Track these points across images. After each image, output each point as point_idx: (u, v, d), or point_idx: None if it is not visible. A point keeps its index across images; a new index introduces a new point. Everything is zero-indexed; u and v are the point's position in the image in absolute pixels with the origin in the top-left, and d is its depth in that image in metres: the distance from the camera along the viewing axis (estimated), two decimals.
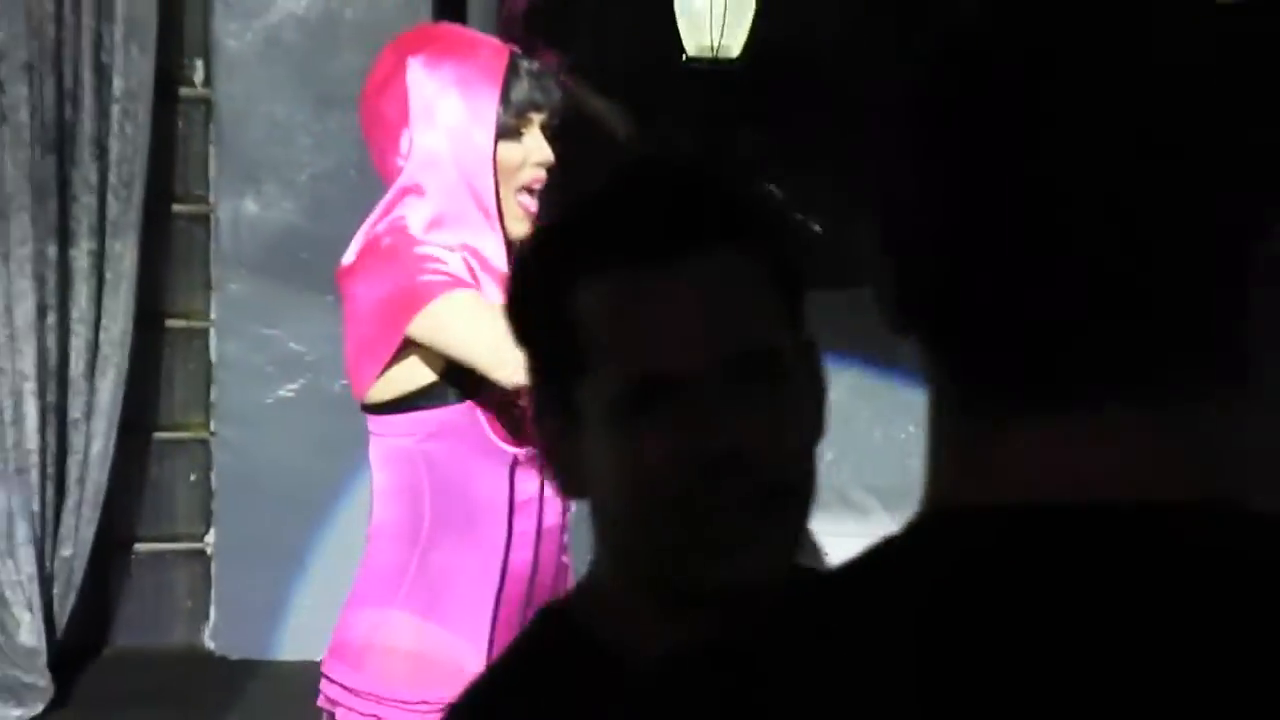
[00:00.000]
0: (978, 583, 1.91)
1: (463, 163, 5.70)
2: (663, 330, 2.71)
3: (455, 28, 6.03)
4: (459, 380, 5.56)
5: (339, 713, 5.79)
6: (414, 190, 5.64)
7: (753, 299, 2.74)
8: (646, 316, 2.72)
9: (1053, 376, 1.93)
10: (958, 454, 2.00)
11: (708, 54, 11.61)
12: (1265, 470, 2.08)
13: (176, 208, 9.26)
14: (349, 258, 5.71)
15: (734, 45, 11.79)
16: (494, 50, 5.61)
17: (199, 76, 9.23)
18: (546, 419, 2.78)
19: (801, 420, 2.77)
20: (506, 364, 5.44)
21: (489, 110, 5.61)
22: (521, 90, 5.64)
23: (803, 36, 12.37)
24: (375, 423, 5.74)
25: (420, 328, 5.54)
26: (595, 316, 2.71)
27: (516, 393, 5.58)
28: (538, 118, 5.69)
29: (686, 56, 11.86)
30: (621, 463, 2.70)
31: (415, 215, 5.63)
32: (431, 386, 5.60)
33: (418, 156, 5.66)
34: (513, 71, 5.62)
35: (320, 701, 5.89)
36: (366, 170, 8.25)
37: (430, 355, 5.64)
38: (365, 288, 5.60)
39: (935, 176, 1.96)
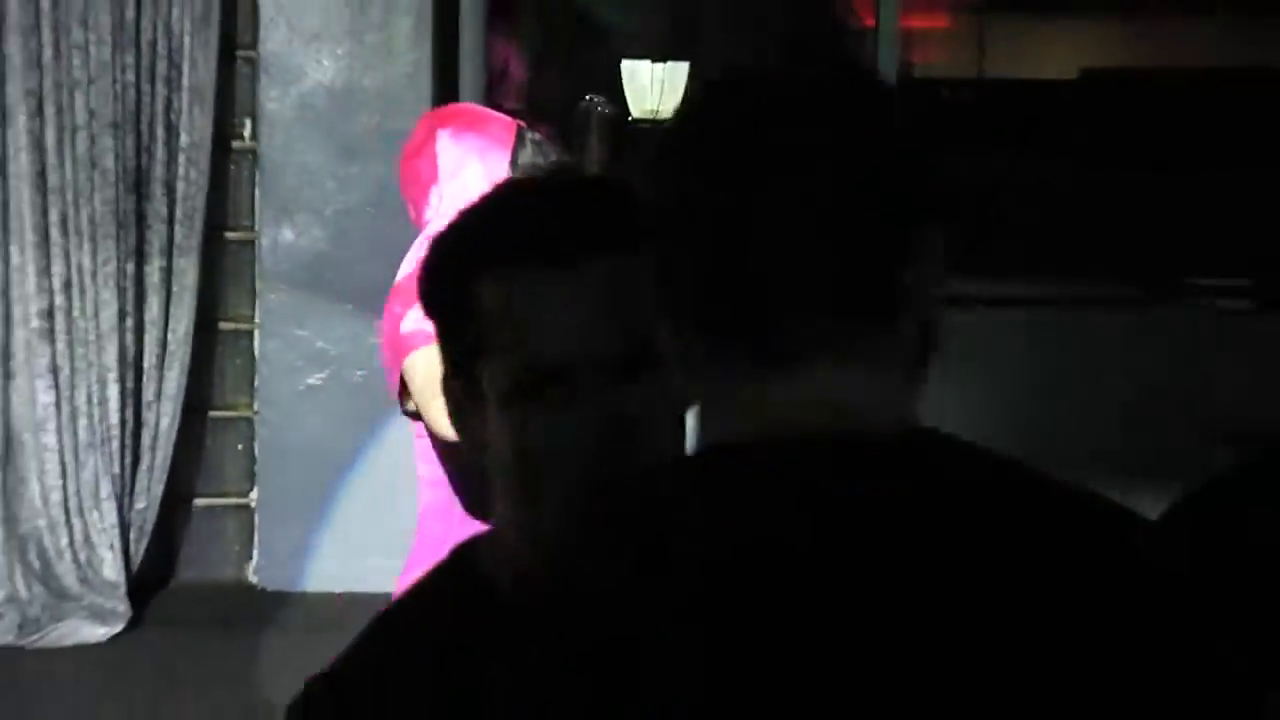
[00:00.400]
0: (740, 491, 2.07)
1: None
2: (547, 326, 2.66)
3: (475, 107, 6.29)
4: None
5: None
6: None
7: (626, 299, 2.66)
8: (536, 313, 2.67)
9: (773, 349, 2.09)
10: (717, 406, 2.17)
11: (649, 116, 11.81)
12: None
13: (228, 235, 9.30)
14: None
15: (669, 109, 11.85)
16: (505, 124, 5.82)
17: (247, 132, 9.24)
18: (453, 385, 2.73)
19: (667, 404, 2.74)
20: (448, 430, 5.83)
21: (500, 171, 5.64)
22: (526, 155, 5.75)
23: None
24: (414, 425, 5.77)
25: (406, 373, 5.66)
26: (493, 309, 2.66)
27: None
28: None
29: (631, 118, 12.11)
30: (510, 437, 2.67)
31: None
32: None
33: (443, 209, 5.67)
34: (519, 141, 5.78)
35: None
36: (379, 207, 8.73)
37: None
38: (388, 321, 5.70)
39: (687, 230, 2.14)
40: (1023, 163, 13.89)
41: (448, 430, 5.38)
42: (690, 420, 2.38)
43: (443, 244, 2.72)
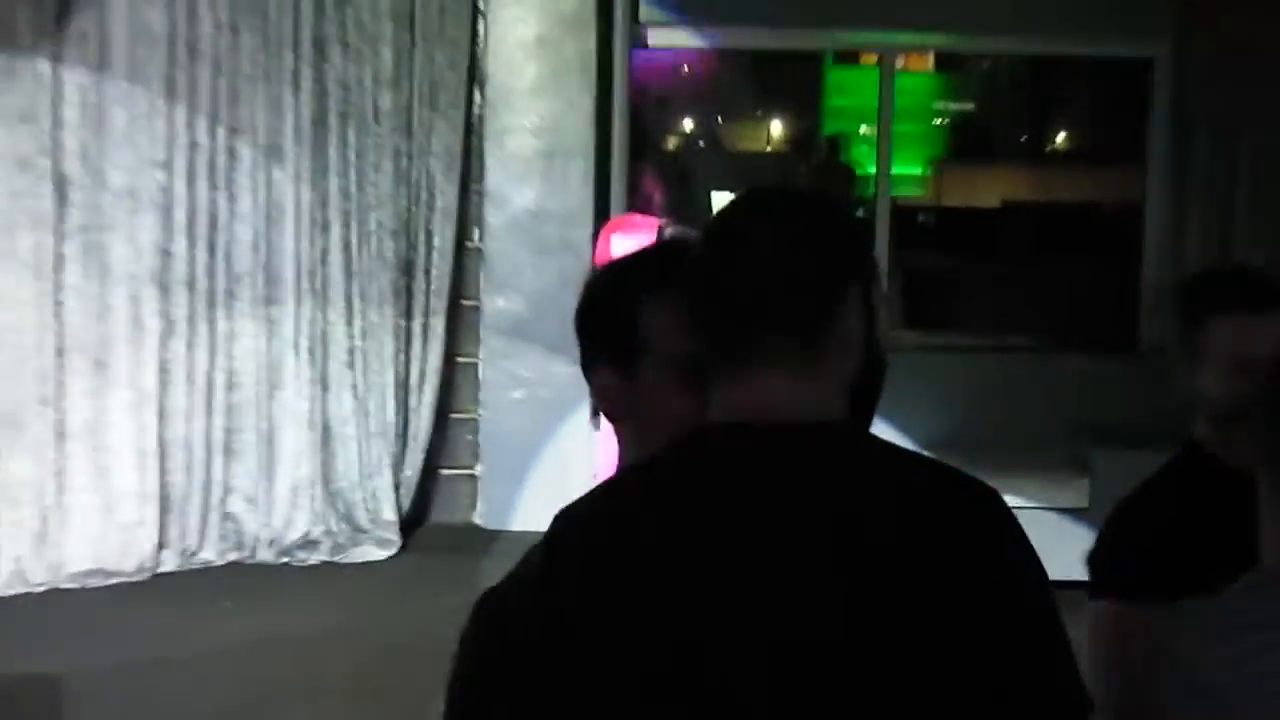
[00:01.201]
0: (717, 462, 2.07)
1: None
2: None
3: (637, 215, 6.42)
4: None
5: None
6: None
7: None
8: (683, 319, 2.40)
9: (740, 356, 2.11)
10: (718, 397, 2.13)
11: None
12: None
13: (464, 302, 9.43)
14: None
15: None
16: (650, 223, 6.16)
17: (477, 237, 9.43)
18: (610, 379, 2.48)
19: None
20: None
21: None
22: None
23: None
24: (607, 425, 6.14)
25: None
26: (658, 318, 2.43)
27: None
28: None
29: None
30: (670, 401, 2.41)
31: None
32: None
33: None
34: (659, 234, 6.40)
35: None
36: (560, 286, 8.90)
37: None
38: None
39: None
40: (965, 260, 13.91)
41: None
42: None
43: (609, 281, 2.58)
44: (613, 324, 2.52)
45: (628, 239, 5.98)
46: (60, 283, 8.18)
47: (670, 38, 10.28)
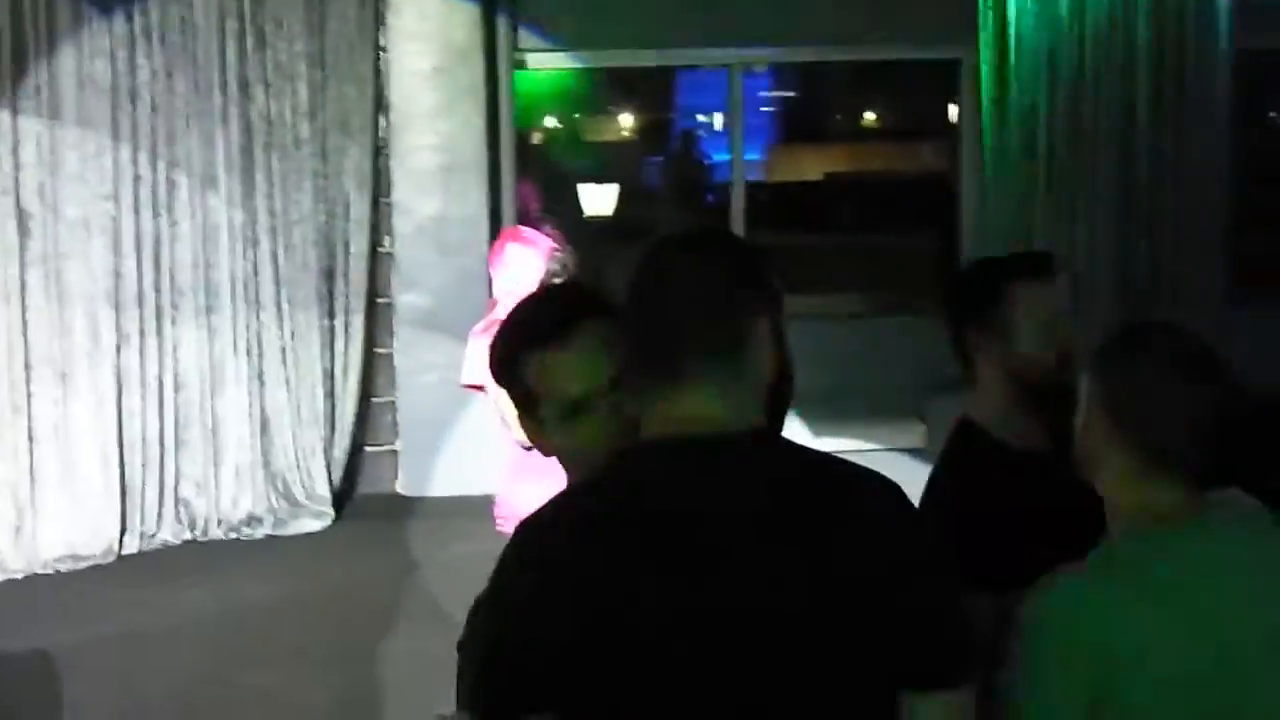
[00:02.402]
0: (627, 481, 2.14)
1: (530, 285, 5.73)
2: (575, 374, 2.54)
3: (533, 231, 6.39)
4: None
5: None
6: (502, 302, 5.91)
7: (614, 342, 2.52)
8: (563, 367, 2.56)
9: (669, 378, 2.14)
10: (642, 414, 2.19)
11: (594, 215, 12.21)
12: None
13: (379, 300, 9.46)
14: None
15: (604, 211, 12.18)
16: (546, 240, 5.96)
17: (388, 243, 9.46)
18: (525, 421, 2.60)
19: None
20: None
21: (537, 266, 5.86)
22: (554, 262, 5.93)
23: None
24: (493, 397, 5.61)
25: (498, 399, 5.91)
26: (530, 373, 2.56)
27: None
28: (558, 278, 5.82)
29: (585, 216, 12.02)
30: (564, 441, 2.56)
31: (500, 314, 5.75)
32: None
33: (500, 286, 5.92)
34: (552, 256, 5.91)
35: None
36: (462, 284, 8.85)
37: None
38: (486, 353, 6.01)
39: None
40: (802, 233, 13.98)
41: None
42: None
43: (499, 336, 2.63)
44: (511, 381, 2.60)
45: (523, 248, 5.97)
46: (25, 305, 8.28)
47: (547, 61, 10.34)
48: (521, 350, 2.58)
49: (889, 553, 2.08)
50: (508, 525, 5.40)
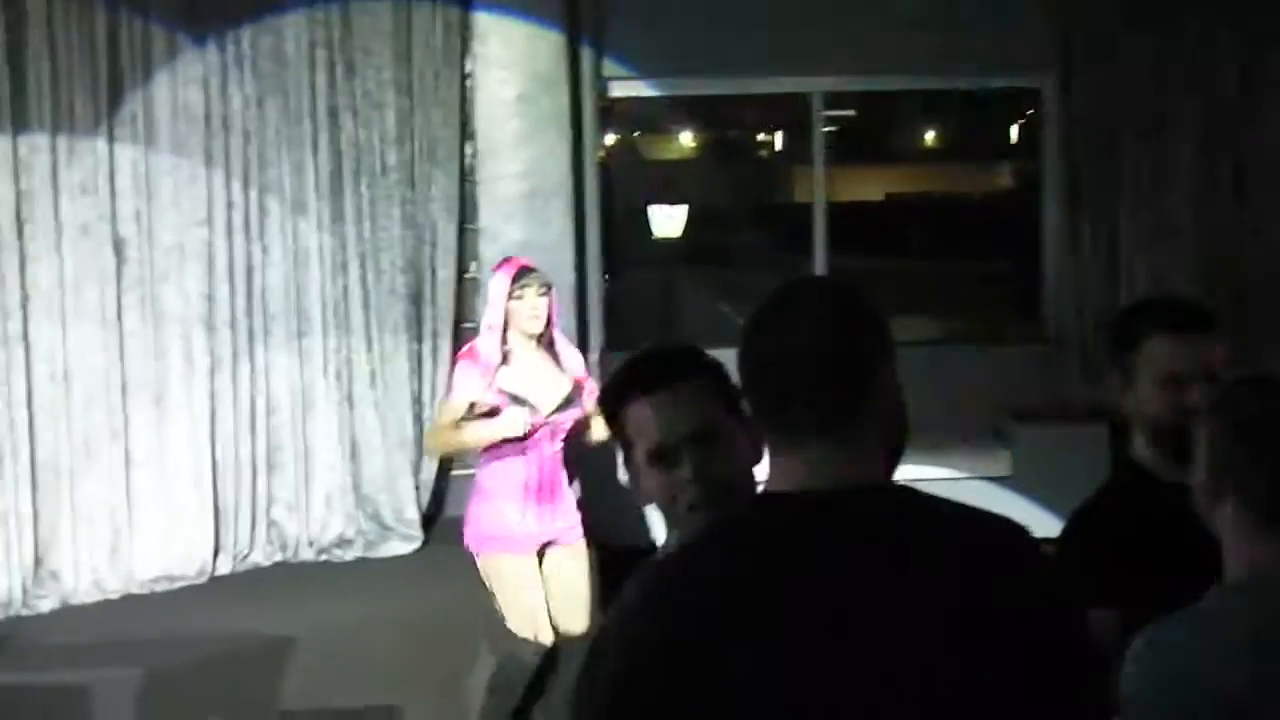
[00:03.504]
0: (781, 523, 2.07)
1: (495, 305, 6.21)
2: (657, 424, 2.77)
3: (517, 259, 6.69)
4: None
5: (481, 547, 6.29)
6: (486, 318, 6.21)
7: (705, 402, 2.78)
8: (652, 416, 2.78)
9: (794, 433, 2.10)
10: (771, 467, 2.15)
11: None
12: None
13: (465, 325, 9.29)
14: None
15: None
16: (518, 264, 6.26)
17: (473, 268, 9.42)
18: (629, 464, 2.84)
19: (739, 458, 2.75)
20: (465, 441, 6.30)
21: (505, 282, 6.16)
22: (521, 280, 6.17)
23: None
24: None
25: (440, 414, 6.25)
26: (629, 420, 2.81)
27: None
28: (529, 290, 6.18)
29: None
30: (650, 489, 2.81)
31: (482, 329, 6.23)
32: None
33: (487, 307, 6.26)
34: (522, 271, 6.18)
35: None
36: None
37: None
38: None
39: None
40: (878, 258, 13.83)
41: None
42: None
43: (609, 381, 2.92)
44: (613, 425, 2.83)
45: (495, 273, 6.29)
46: (122, 330, 8.31)
47: (629, 89, 10.34)
48: (622, 396, 2.80)
49: (1025, 600, 2.03)
50: (470, 542, 6.31)
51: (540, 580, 6.37)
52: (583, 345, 9.44)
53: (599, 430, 6.24)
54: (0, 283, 7.77)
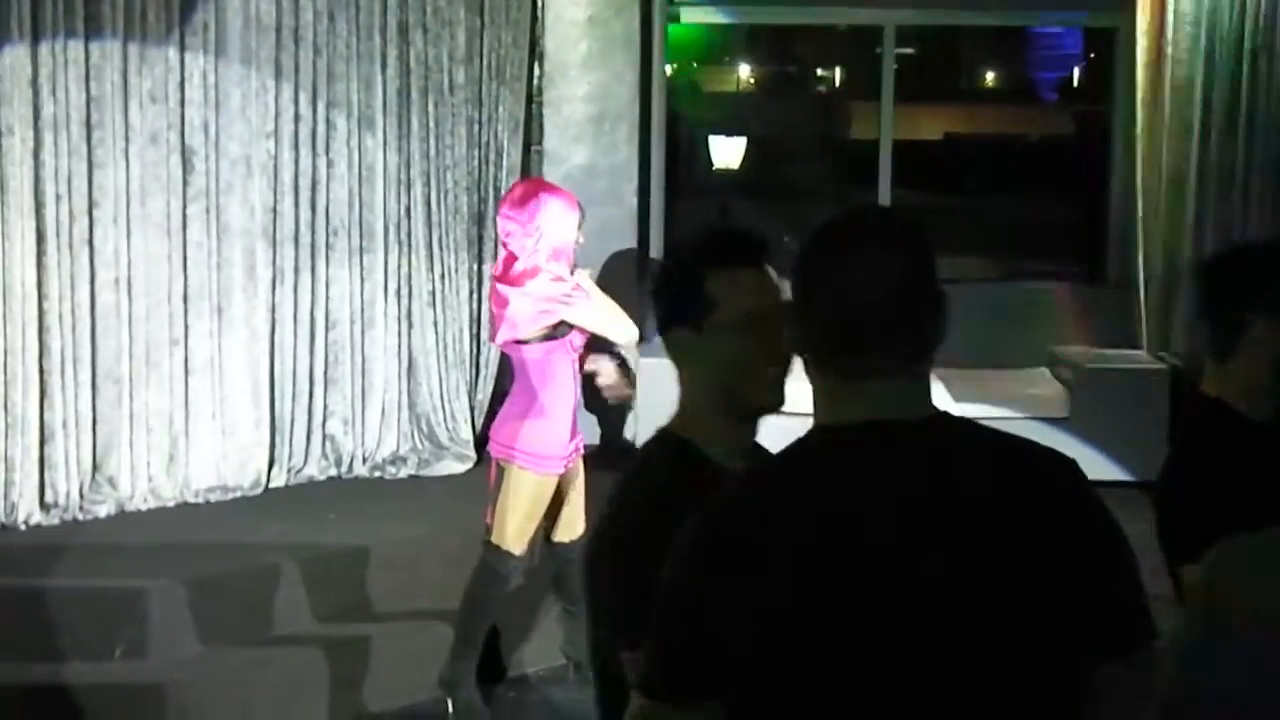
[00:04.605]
0: (843, 455, 2.20)
1: (565, 236, 6.28)
2: (752, 293, 2.80)
3: (547, 183, 6.84)
4: (556, 331, 6.19)
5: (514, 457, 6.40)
6: (545, 247, 6.19)
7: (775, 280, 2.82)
8: (747, 287, 2.80)
9: (867, 368, 2.20)
10: (820, 401, 2.27)
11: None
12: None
13: None
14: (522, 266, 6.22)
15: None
16: (572, 198, 6.40)
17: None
18: (676, 331, 2.86)
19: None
20: (625, 332, 6.31)
21: (574, 220, 6.30)
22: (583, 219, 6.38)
23: None
24: (524, 348, 6.25)
25: (576, 317, 6.16)
26: (718, 284, 2.80)
27: (580, 334, 6.29)
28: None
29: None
30: (732, 350, 2.79)
31: (543, 258, 6.18)
32: (549, 333, 6.19)
33: (546, 236, 6.19)
34: (580, 210, 6.35)
35: (494, 452, 6.53)
36: (611, 231, 8.91)
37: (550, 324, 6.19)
38: (529, 291, 6.14)
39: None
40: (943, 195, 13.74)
41: (626, 335, 6.39)
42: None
43: (681, 252, 3.04)
44: (683, 289, 2.85)
45: (563, 205, 6.30)
46: (186, 240, 8.24)
47: (701, 15, 10.31)
48: (730, 258, 2.84)
49: (1075, 527, 2.17)
50: (525, 460, 6.40)
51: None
52: (643, 272, 9.44)
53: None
54: (68, 187, 7.70)
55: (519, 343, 6.31)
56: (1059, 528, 2.16)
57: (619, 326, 6.41)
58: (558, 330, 6.28)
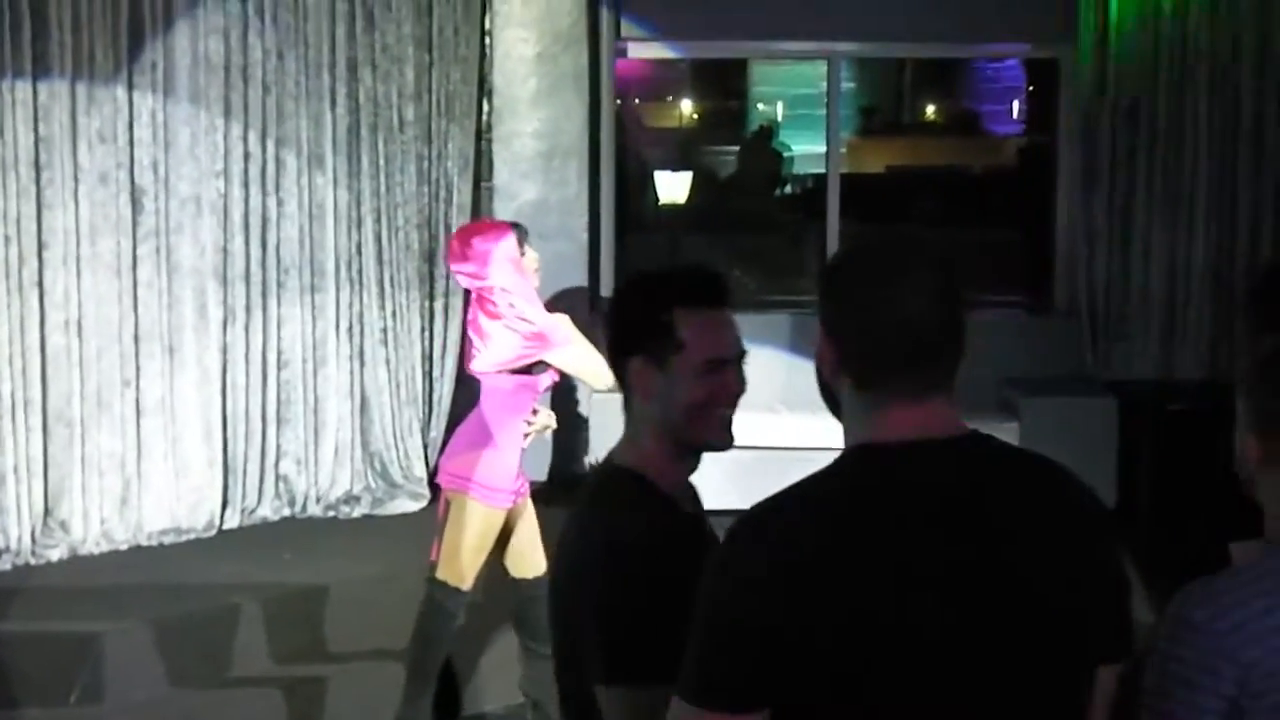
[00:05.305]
0: (879, 476, 2.26)
1: (515, 267, 6.28)
2: (721, 337, 2.86)
3: (492, 222, 6.89)
4: (533, 368, 6.21)
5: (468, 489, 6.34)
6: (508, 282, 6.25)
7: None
8: (713, 330, 2.86)
9: (914, 389, 2.27)
10: (862, 420, 2.32)
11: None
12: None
13: None
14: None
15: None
16: (505, 226, 6.47)
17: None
18: (637, 363, 2.86)
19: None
20: (603, 377, 6.24)
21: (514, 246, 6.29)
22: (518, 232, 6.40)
23: None
24: (487, 378, 6.31)
25: (557, 359, 6.18)
26: (687, 326, 2.82)
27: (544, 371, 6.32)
28: (527, 244, 6.41)
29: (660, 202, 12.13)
30: (694, 392, 2.82)
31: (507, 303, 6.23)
32: (518, 370, 6.22)
33: (498, 270, 6.24)
34: (517, 230, 6.39)
35: (445, 483, 6.48)
36: (552, 264, 8.78)
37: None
38: (516, 328, 6.20)
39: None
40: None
41: (602, 380, 6.12)
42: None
43: (639, 289, 2.98)
44: (649, 325, 2.84)
45: (485, 240, 6.29)
46: (136, 279, 8.18)
47: (648, 50, 10.33)
48: (687, 302, 2.84)
49: (1090, 539, 2.30)
50: (479, 492, 6.36)
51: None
52: (594, 306, 9.43)
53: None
54: (16, 229, 7.65)
55: (503, 373, 6.36)
56: (1078, 539, 2.29)
57: (597, 371, 6.38)
58: (534, 368, 6.33)
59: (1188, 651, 2.43)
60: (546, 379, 6.43)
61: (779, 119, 16.08)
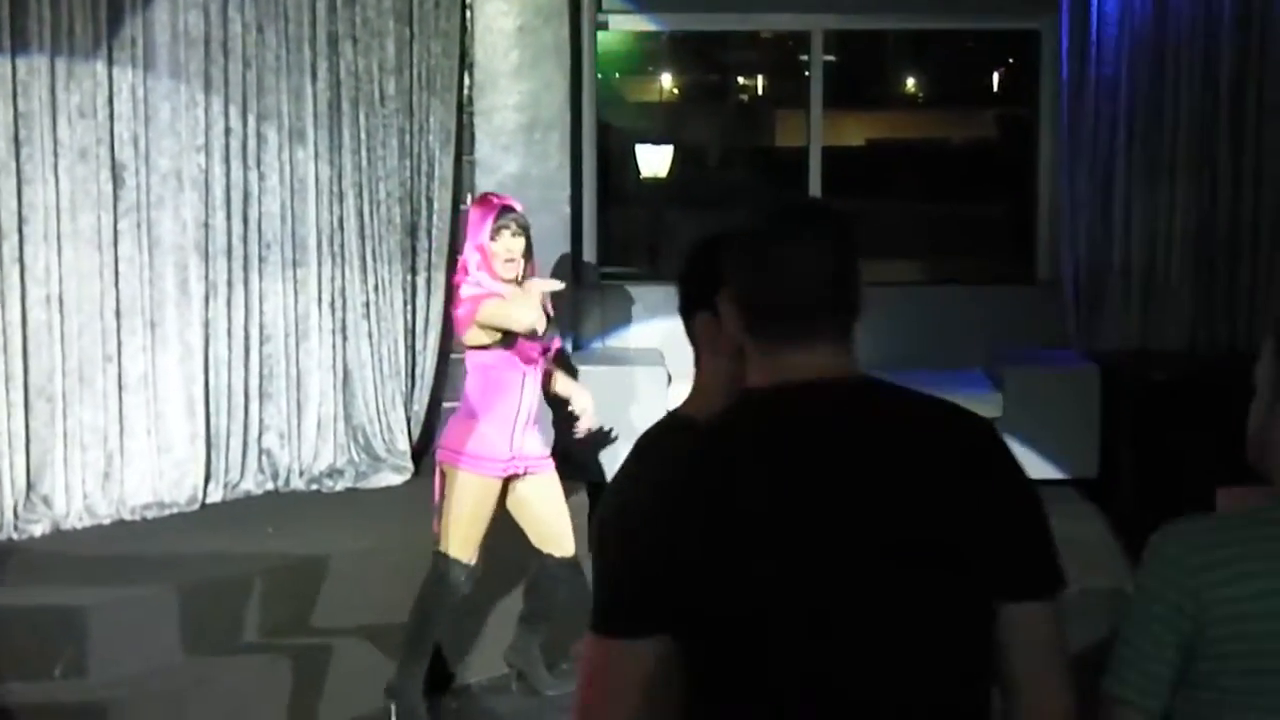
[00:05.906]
0: (755, 411, 2.40)
1: (482, 239, 6.59)
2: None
3: (498, 197, 7.02)
4: (505, 340, 6.40)
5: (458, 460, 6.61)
6: (472, 255, 6.60)
7: None
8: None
9: (802, 337, 2.40)
10: (755, 367, 2.45)
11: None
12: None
13: (460, 257, 9.15)
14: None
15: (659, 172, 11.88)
16: (499, 203, 6.70)
17: (469, 200, 8.77)
18: (700, 316, 2.93)
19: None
20: (524, 321, 6.38)
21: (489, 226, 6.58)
22: (503, 219, 6.63)
23: None
24: (476, 353, 6.53)
25: (484, 316, 6.35)
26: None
27: (530, 340, 6.53)
28: (507, 230, 6.64)
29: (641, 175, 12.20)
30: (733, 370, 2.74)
31: (473, 265, 6.58)
32: (496, 341, 6.41)
33: (470, 243, 6.65)
34: (502, 211, 6.59)
35: (440, 458, 6.73)
36: (544, 238, 8.75)
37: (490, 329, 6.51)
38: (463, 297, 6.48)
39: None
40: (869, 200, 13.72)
41: (523, 323, 6.44)
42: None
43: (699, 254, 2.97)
44: (713, 281, 2.70)
45: (475, 210, 6.75)
46: (117, 255, 8.16)
47: (629, 23, 10.32)
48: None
49: (987, 479, 2.37)
50: (445, 456, 6.71)
51: (494, 510, 6.74)
52: (577, 282, 9.42)
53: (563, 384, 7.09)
54: None
55: (481, 348, 6.58)
56: (972, 478, 2.35)
57: (517, 314, 6.49)
58: (506, 339, 6.49)
59: (1154, 582, 2.51)
60: (529, 350, 6.54)
61: (759, 92, 16.02)
